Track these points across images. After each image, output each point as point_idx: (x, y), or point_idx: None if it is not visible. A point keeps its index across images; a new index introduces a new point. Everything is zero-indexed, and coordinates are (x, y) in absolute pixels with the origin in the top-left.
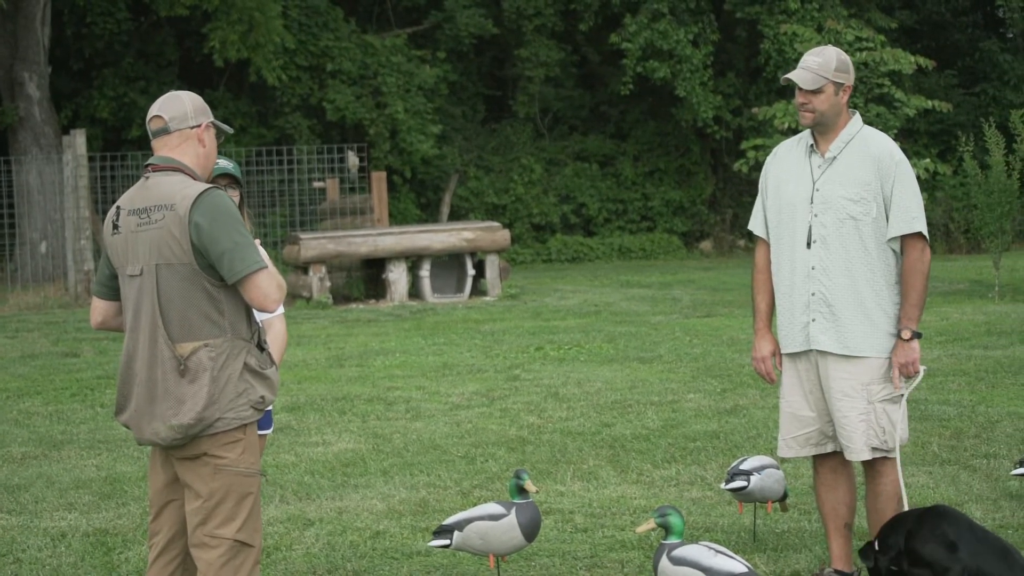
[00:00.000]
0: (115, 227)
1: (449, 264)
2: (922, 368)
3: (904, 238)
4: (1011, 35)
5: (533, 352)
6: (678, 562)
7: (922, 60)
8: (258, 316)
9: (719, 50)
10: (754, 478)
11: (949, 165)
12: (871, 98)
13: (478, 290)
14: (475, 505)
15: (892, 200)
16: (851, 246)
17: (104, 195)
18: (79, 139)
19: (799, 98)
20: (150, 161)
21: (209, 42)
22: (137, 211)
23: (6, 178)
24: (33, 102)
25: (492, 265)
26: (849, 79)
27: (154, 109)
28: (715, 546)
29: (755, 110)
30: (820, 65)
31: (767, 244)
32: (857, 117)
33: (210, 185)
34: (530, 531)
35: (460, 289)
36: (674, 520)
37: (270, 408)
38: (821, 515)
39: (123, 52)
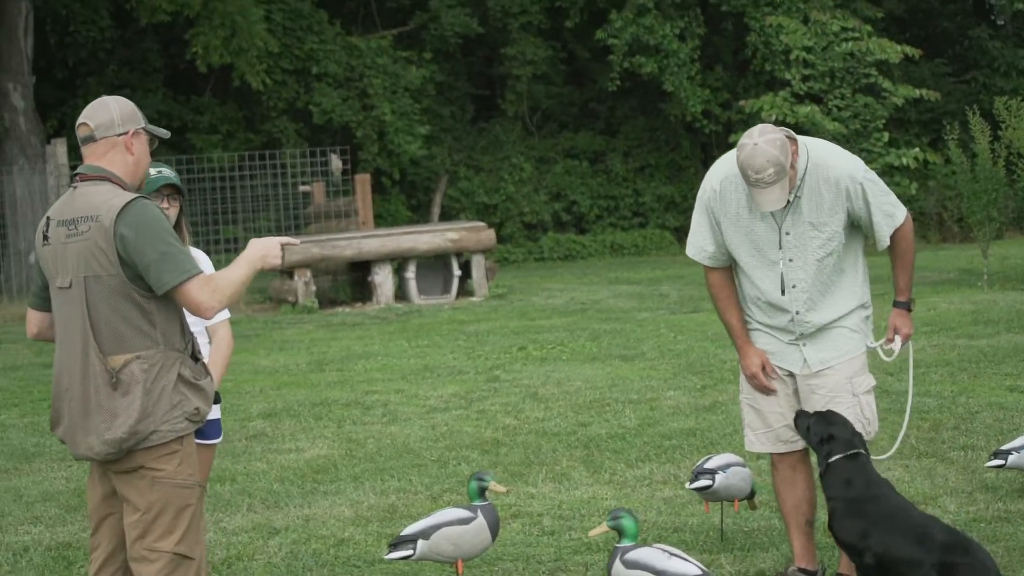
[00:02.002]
0: (45, 238)
1: (435, 265)
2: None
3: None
4: (1001, 22)
5: (516, 352)
6: (631, 565)
7: (908, 49)
8: (203, 322)
9: (706, 44)
10: (719, 476)
11: (940, 154)
12: (858, 88)
13: (465, 291)
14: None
15: (871, 213)
16: (828, 280)
17: None
18: (60, 149)
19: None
20: (78, 170)
21: (191, 48)
22: (65, 222)
23: None
24: (18, 112)
25: (478, 265)
26: (791, 145)
27: (82, 116)
28: (669, 548)
29: (742, 103)
30: (778, 171)
31: (717, 268)
32: (801, 145)
33: (136, 195)
34: (495, 531)
35: (446, 290)
36: (627, 523)
37: (217, 417)
38: (782, 513)
39: (107, 60)
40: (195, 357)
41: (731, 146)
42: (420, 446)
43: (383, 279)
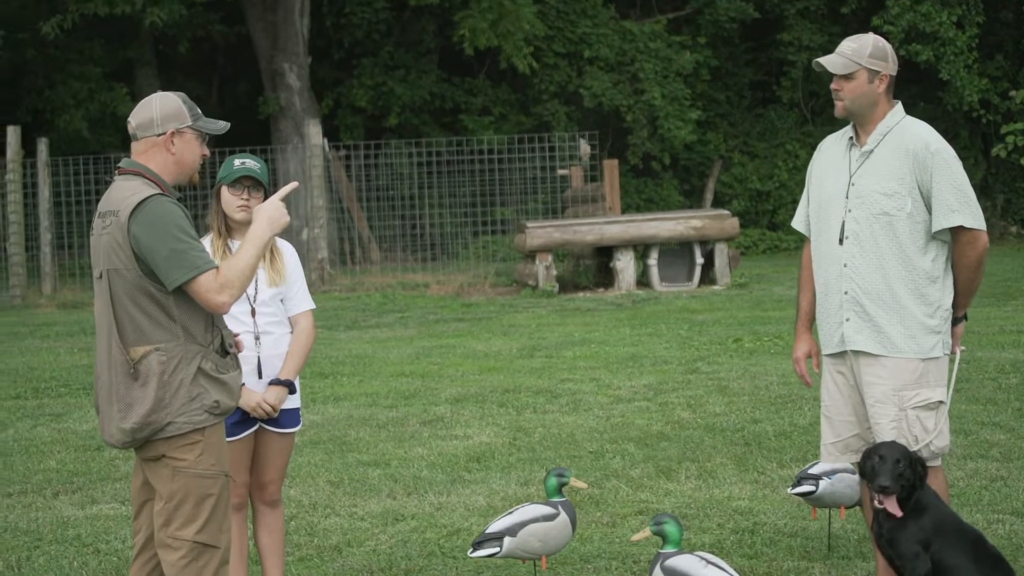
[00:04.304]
0: (92, 229)
1: (679, 252)
2: (960, 348)
3: (951, 231)
4: None
5: (729, 344)
6: (669, 572)
7: None
8: (285, 312)
9: (986, 32)
10: (823, 483)
11: None
12: None
13: (708, 279)
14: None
15: (932, 194)
16: (883, 243)
17: (363, 183)
18: (313, 129)
19: (832, 85)
20: (118, 164)
21: (458, 30)
22: (102, 214)
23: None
24: (293, 92)
25: (721, 253)
26: (887, 67)
27: (131, 114)
28: (709, 556)
29: (1012, 93)
30: (854, 51)
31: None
32: (898, 108)
33: (155, 192)
34: (575, 527)
35: (689, 278)
36: (670, 529)
37: (296, 407)
38: (868, 526)
39: (382, 41)
40: (225, 350)
41: (1002, 137)
42: (584, 437)
43: (625, 265)
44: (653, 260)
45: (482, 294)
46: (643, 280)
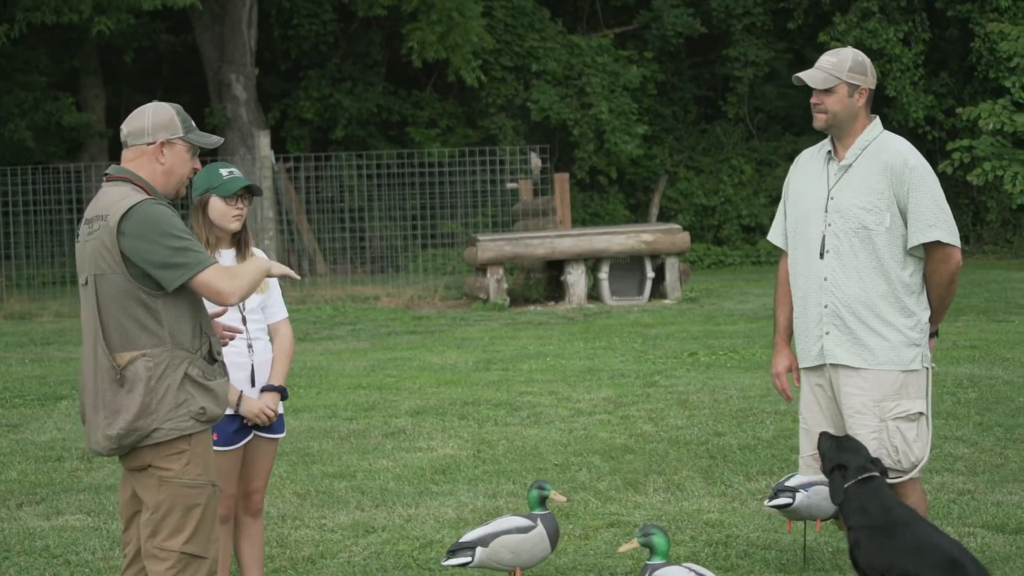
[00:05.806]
0: (77, 236)
1: (630, 266)
2: (931, 364)
3: (925, 246)
4: None
5: (685, 357)
6: None
7: None
8: (264, 320)
9: (932, 49)
10: (800, 495)
11: None
12: None
13: (659, 293)
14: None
15: (908, 209)
16: (863, 256)
17: (312, 195)
18: (263, 140)
19: (812, 99)
20: (107, 171)
21: (407, 42)
22: (88, 220)
23: None
24: (240, 103)
25: (672, 268)
26: (866, 81)
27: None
28: (697, 568)
29: (959, 110)
30: (834, 65)
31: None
32: (876, 122)
33: (145, 196)
34: (554, 541)
35: (640, 292)
36: (658, 540)
37: (281, 412)
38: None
39: (329, 53)
40: (213, 357)
41: (948, 154)
42: (549, 450)
43: (576, 279)
44: (604, 274)
45: (432, 307)
46: (594, 294)
